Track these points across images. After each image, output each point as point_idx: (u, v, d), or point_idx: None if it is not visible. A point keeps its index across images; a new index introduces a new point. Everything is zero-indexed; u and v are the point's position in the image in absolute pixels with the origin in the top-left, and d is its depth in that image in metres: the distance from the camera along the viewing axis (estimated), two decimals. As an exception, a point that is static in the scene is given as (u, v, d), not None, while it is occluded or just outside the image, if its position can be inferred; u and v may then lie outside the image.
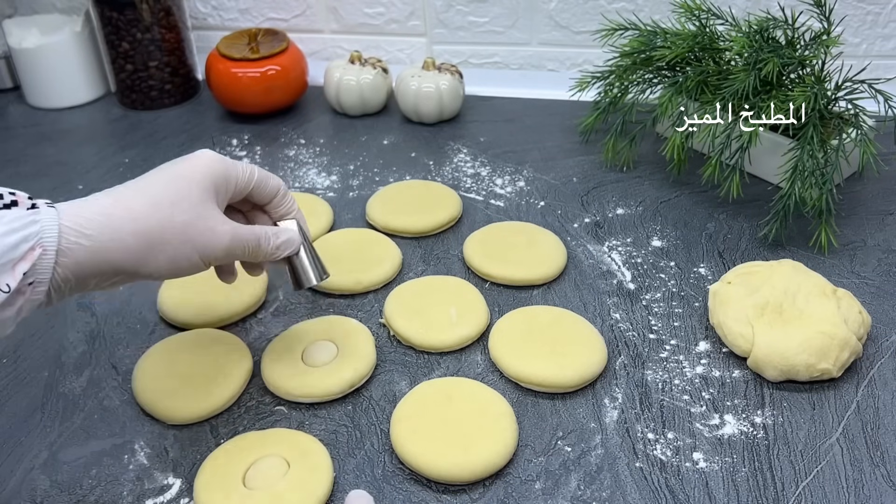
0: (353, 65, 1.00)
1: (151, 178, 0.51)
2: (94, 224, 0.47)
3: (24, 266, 0.44)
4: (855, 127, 0.75)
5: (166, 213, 0.50)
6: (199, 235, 0.51)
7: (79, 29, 1.04)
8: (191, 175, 0.52)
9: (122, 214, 0.48)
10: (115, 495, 0.55)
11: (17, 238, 0.44)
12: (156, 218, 0.49)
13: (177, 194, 0.50)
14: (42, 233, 0.45)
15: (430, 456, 0.55)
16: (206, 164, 0.53)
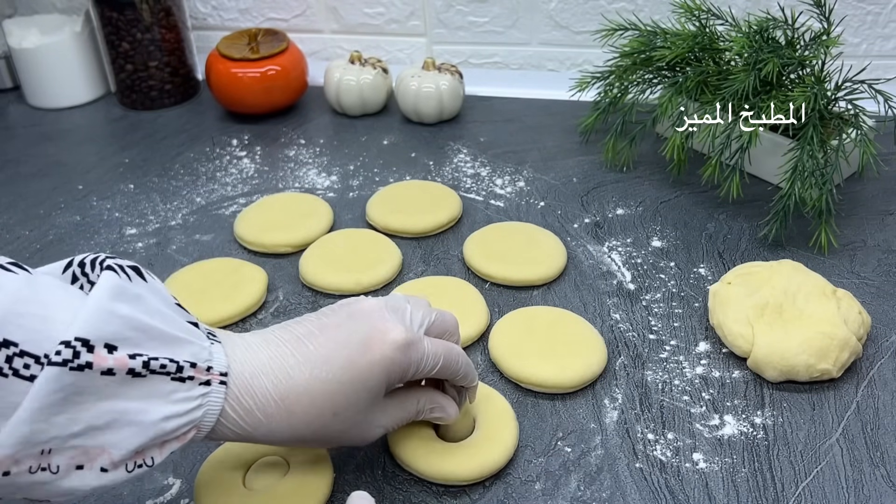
0: (353, 65, 1.00)
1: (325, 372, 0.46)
2: (253, 420, 0.45)
3: (175, 446, 0.43)
4: (855, 127, 0.75)
5: (325, 424, 0.47)
6: (348, 437, 0.49)
7: (79, 29, 1.04)
8: (368, 379, 0.47)
9: (282, 419, 0.45)
10: (115, 495, 0.55)
11: (178, 423, 0.42)
12: (313, 428, 0.47)
13: (344, 404, 0.47)
14: (203, 418, 0.43)
15: (429, 457, 0.55)
16: (389, 364, 0.47)
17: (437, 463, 0.54)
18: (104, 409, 0.40)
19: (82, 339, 0.38)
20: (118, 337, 0.39)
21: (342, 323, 0.48)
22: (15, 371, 0.37)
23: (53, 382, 0.37)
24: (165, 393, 0.41)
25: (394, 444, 0.56)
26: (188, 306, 0.68)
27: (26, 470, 0.38)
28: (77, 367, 0.38)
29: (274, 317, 0.70)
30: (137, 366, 0.40)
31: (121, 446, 0.40)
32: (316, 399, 0.46)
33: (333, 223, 0.81)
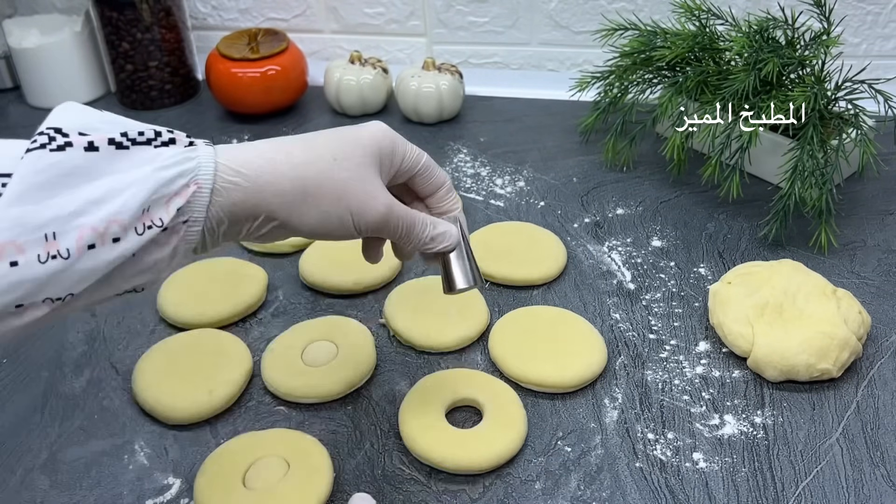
0: (353, 65, 1.00)
1: (316, 133, 0.49)
2: (252, 165, 0.45)
3: (179, 202, 0.43)
4: (855, 127, 0.75)
5: (327, 165, 0.47)
6: (355, 197, 0.48)
7: (79, 29, 1.04)
8: (357, 138, 0.49)
9: (281, 159, 0.46)
10: (115, 495, 0.55)
11: (172, 173, 0.42)
12: (315, 168, 0.47)
13: (340, 151, 0.48)
14: (198, 169, 0.43)
15: (442, 447, 0.55)
16: (375, 131, 0.50)
17: (449, 452, 0.55)
18: (98, 185, 0.40)
19: (54, 128, 0.40)
20: (90, 126, 0.41)
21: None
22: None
23: (35, 162, 0.38)
24: (153, 157, 0.42)
25: (406, 433, 0.57)
26: (188, 306, 0.69)
27: (35, 259, 0.39)
28: (57, 148, 0.39)
29: (274, 316, 0.70)
30: (116, 136, 0.41)
31: (126, 208, 0.40)
32: (313, 145, 0.47)
33: (333, 223, 0.81)
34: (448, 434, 0.56)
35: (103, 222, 0.40)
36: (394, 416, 0.60)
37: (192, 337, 0.66)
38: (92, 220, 0.40)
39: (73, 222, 0.39)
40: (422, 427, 0.57)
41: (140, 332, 0.69)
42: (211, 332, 0.67)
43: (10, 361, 0.66)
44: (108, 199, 0.40)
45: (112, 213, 0.40)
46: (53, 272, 0.39)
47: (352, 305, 0.71)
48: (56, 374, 0.64)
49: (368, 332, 0.66)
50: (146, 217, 0.41)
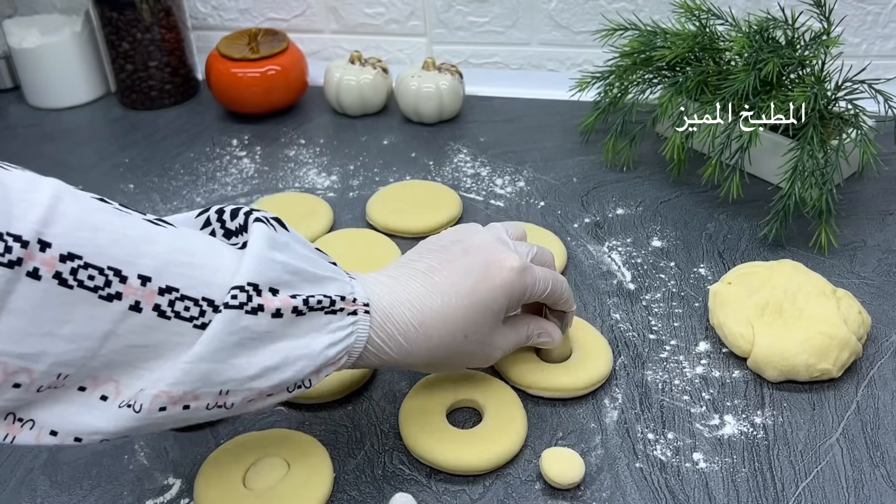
0: (353, 65, 1.00)
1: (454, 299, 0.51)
2: (395, 344, 0.50)
3: (331, 370, 0.48)
4: (855, 127, 0.75)
5: (459, 346, 0.52)
6: (475, 358, 0.55)
7: (79, 29, 1.04)
8: (489, 303, 0.52)
9: (421, 342, 0.50)
10: (115, 495, 0.55)
11: (337, 350, 0.47)
12: (449, 350, 0.52)
13: (473, 327, 0.52)
14: (355, 344, 0.48)
15: (443, 447, 0.55)
16: (509, 288, 0.52)
17: (449, 453, 0.55)
18: (275, 350, 0.44)
19: (252, 284, 0.43)
20: (279, 281, 0.44)
21: (460, 257, 0.53)
22: (177, 314, 0.41)
23: (231, 324, 0.42)
24: (323, 325, 0.46)
25: (406, 433, 0.57)
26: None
27: (204, 406, 0.43)
28: (251, 311, 0.43)
29: (274, 317, 0.70)
30: (299, 304, 0.45)
31: (291, 379, 0.45)
32: (449, 323, 0.50)
33: (333, 223, 0.81)
34: (448, 434, 0.56)
35: (271, 388, 0.45)
36: (394, 416, 0.60)
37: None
38: (261, 385, 0.44)
39: (247, 385, 0.44)
40: (422, 427, 0.57)
41: (140, 332, 0.69)
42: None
43: (10, 361, 0.66)
44: (281, 367, 0.45)
45: (280, 381, 0.45)
46: (212, 415, 0.45)
47: (352, 305, 0.71)
48: (56, 374, 0.64)
49: None
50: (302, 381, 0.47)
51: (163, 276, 0.41)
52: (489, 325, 0.53)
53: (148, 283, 0.40)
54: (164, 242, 0.42)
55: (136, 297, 0.40)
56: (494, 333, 0.54)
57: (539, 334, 0.58)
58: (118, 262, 0.39)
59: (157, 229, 0.42)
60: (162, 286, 0.41)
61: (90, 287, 0.39)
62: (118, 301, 0.39)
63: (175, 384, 0.41)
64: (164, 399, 0.42)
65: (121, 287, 0.39)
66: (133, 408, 0.41)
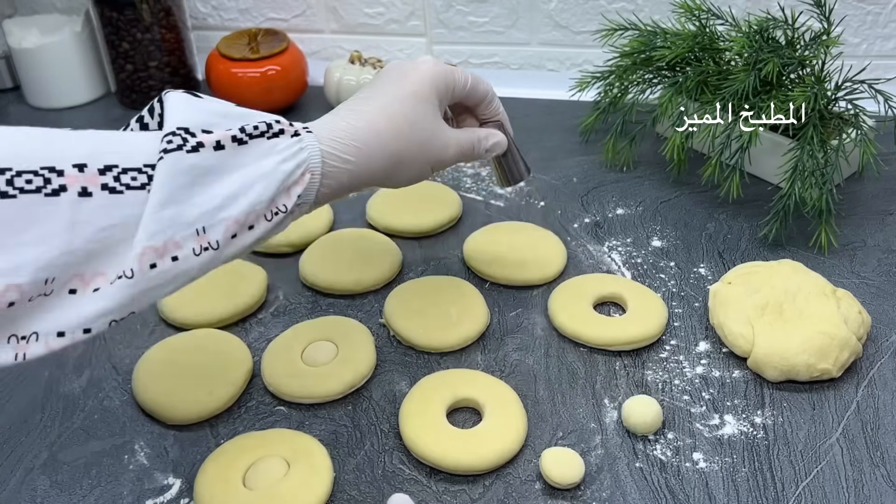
0: (353, 65, 1.00)
1: (387, 94, 0.55)
2: (351, 150, 0.52)
3: (298, 189, 0.49)
4: (855, 127, 0.75)
5: (408, 134, 0.55)
6: (434, 150, 0.58)
7: (79, 29, 1.04)
8: (421, 91, 0.56)
9: (373, 140, 0.53)
10: (115, 495, 0.55)
11: (291, 165, 0.49)
12: (400, 141, 0.55)
13: (414, 114, 0.55)
14: (310, 159, 0.50)
15: (443, 447, 0.55)
16: (432, 76, 0.57)
17: (449, 452, 0.55)
18: (231, 179, 0.46)
19: (183, 128, 0.45)
20: (208, 122, 0.46)
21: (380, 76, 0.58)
22: (126, 185, 0.43)
23: (176, 164, 0.44)
24: (269, 149, 0.48)
25: (406, 433, 0.57)
26: (188, 306, 0.69)
27: (191, 253, 0.45)
28: (192, 149, 0.44)
29: (274, 316, 0.70)
30: (237, 133, 0.47)
31: (260, 200, 0.47)
32: (392, 116, 0.54)
33: (333, 223, 0.81)
34: (448, 434, 0.56)
35: (243, 214, 0.46)
36: (394, 416, 0.60)
37: (192, 337, 0.66)
38: (234, 213, 0.46)
39: (218, 216, 0.45)
40: (422, 427, 0.57)
41: (140, 332, 0.69)
42: (211, 332, 0.67)
43: (10, 361, 0.66)
44: (242, 193, 0.46)
45: (249, 205, 0.46)
46: (206, 261, 0.46)
47: (352, 305, 0.71)
48: (56, 374, 0.64)
49: (368, 332, 0.66)
50: (273, 205, 0.48)
51: (96, 159, 0.42)
52: (429, 112, 0.57)
53: (85, 168, 0.42)
54: (88, 137, 0.44)
55: (79, 183, 0.41)
56: (439, 122, 0.58)
57: (486, 136, 0.62)
58: (49, 161, 0.41)
59: (78, 132, 0.44)
60: (100, 167, 0.42)
61: (32, 189, 0.40)
62: (65, 193, 0.41)
63: (152, 236, 0.43)
64: (150, 255, 0.43)
65: (61, 180, 0.41)
66: (125, 276, 0.42)
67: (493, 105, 0.63)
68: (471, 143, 0.61)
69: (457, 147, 0.59)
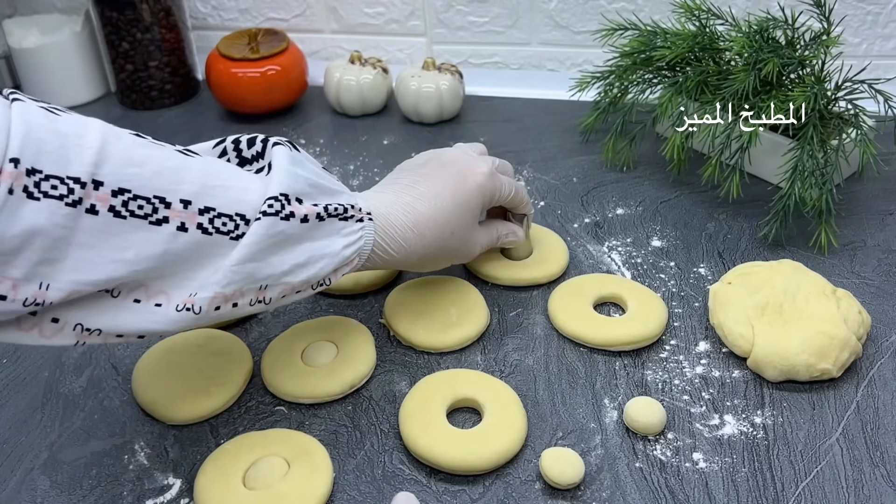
0: (353, 65, 1.00)
1: (440, 202, 0.61)
2: (396, 245, 0.59)
3: (347, 270, 0.56)
4: (855, 127, 0.75)
5: (446, 239, 0.62)
6: (461, 252, 0.65)
7: (79, 29, 1.04)
8: (468, 204, 0.62)
9: (416, 241, 0.59)
10: (115, 495, 0.55)
11: (352, 251, 0.55)
12: (439, 246, 0.61)
13: (458, 224, 0.62)
14: (364, 246, 0.56)
15: (444, 447, 0.55)
16: (483, 190, 0.63)
17: (449, 452, 0.55)
18: (303, 249, 0.52)
19: (284, 195, 0.51)
20: (303, 192, 0.52)
21: (438, 169, 0.63)
22: (217, 229, 0.48)
23: (270, 228, 0.50)
24: (338, 230, 0.54)
25: (406, 433, 0.57)
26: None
27: (248, 302, 0.51)
28: (285, 217, 0.50)
29: (274, 317, 0.70)
30: (321, 211, 0.53)
31: (318, 276, 0.53)
32: (439, 223, 0.61)
33: (333, 223, 0.81)
34: (448, 434, 0.56)
35: (301, 283, 0.53)
36: (394, 416, 0.60)
37: (192, 337, 0.66)
38: (294, 281, 0.52)
39: (282, 280, 0.52)
40: (422, 427, 0.57)
41: (140, 332, 0.69)
42: (211, 332, 0.67)
43: (9, 361, 0.66)
44: (308, 264, 0.53)
45: (308, 277, 0.53)
46: (254, 311, 0.52)
47: (352, 305, 0.71)
48: (56, 374, 0.64)
49: (368, 332, 0.66)
50: (325, 279, 0.55)
51: (200, 198, 0.48)
52: (469, 223, 0.63)
53: (189, 205, 0.47)
54: (197, 169, 0.48)
55: (180, 218, 0.47)
56: (474, 231, 0.65)
57: (507, 234, 0.70)
58: (161, 192, 0.46)
59: (189, 159, 0.49)
60: (201, 207, 0.48)
61: (140, 215, 0.45)
62: (166, 224, 0.46)
63: (227, 285, 0.49)
64: (219, 300, 0.49)
65: (167, 212, 0.46)
66: (192, 310, 0.48)
67: (524, 205, 0.69)
68: (492, 241, 0.68)
69: (480, 248, 0.67)
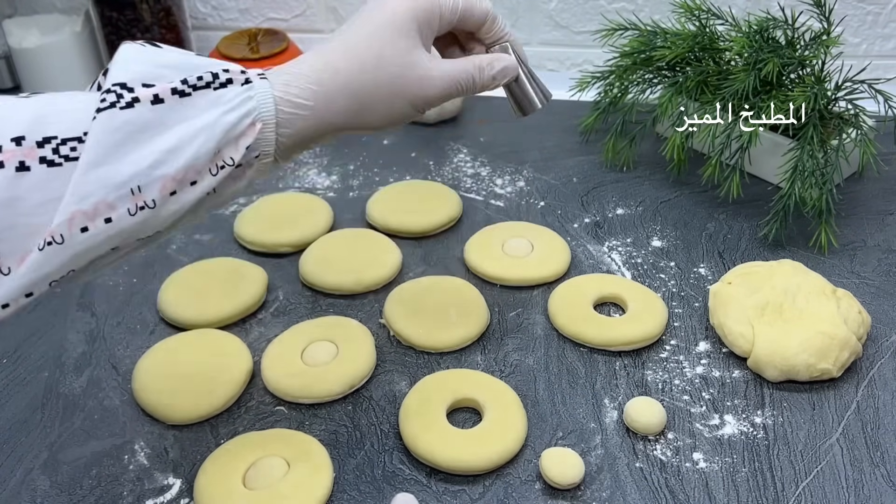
0: (353, 65, 1.00)
1: (353, 30, 0.50)
2: (307, 93, 0.48)
3: (247, 140, 0.46)
4: (855, 127, 0.75)
5: (373, 69, 0.49)
6: (410, 86, 0.51)
7: (79, 29, 1.04)
8: (391, 22, 0.50)
9: (331, 79, 0.48)
10: (115, 495, 0.55)
11: (236, 116, 0.46)
12: (364, 77, 0.49)
13: (382, 47, 0.49)
14: (259, 108, 0.47)
15: (444, 447, 0.55)
16: (411, 4, 0.50)
17: (449, 452, 0.55)
18: (168, 134, 0.43)
19: (119, 83, 0.42)
20: (151, 75, 0.43)
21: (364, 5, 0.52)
22: (66, 157, 0.41)
23: (109, 122, 0.42)
24: (214, 100, 0.45)
25: (406, 433, 0.57)
26: (188, 306, 0.69)
27: (126, 213, 0.43)
28: (126, 105, 0.42)
29: (274, 316, 0.70)
30: (178, 85, 0.44)
31: (199, 154, 0.44)
32: (355, 50, 0.49)
33: (333, 223, 0.81)
34: (448, 434, 0.56)
35: (181, 171, 0.44)
36: (394, 416, 0.60)
37: (192, 337, 0.66)
38: (170, 170, 0.43)
39: (154, 174, 0.43)
40: (422, 427, 0.57)
41: (140, 332, 0.69)
42: (211, 332, 0.67)
43: (9, 361, 0.66)
44: (181, 147, 0.43)
45: (188, 160, 0.44)
46: (143, 220, 0.43)
47: (352, 305, 0.71)
48: (56, 374, 0.64)
49: (368, 332, 0.66)
50: (218, 158, 0.45)
51: (36, 131, 0.41)
52: (403, 45, 0.50)
53: (23, 141, 0.40)
54: (31, 104, 0.42)
55: (17, 158, 0.40)
56: (418, 54, 0.50)
57: (490, 63, 0.54)
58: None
59: (23, 99, 0.42)
60: (38, 139, 0.41)
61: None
62: (2, 170, 0.40)
63: (81, 199, 0.41)
64: (80, 219, 0.41)
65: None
66: (55, 241, 0.41)
67: (497, 26, 0.56)
68: (467, 73, 0.53)
69: (447, 81, 0.52)
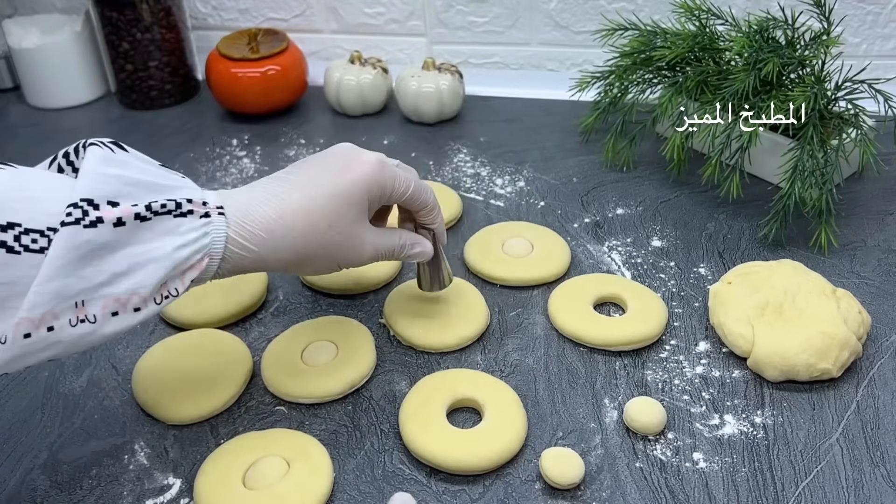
0: (353, 65, 1.00)
1: (317, 187, 0.53)
2: (258, 240, 0.51)
3: (193, 274, 0.49)
4: (855, 127, 0.75)
5: (321, 234, 0.53)
6: (344, 252, 0.56)
7: (79, 29, 1.04)
8: (349, 193, 0.54)
9: (283, 234, 0.52)
10: (115, 495, 0.55)
11: (189, 251, 0.48)
12: (313, 240, 0.53)
13: (335, 216, 0.54)
14: (211, 245, 0.49)
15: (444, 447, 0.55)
16: (368, 180, 0.55)
17: (449, 452, 0.55)
18: (123, 256, 0.45)
19: (87, 199, 0.44)
20: (117, 193, 0.45)
21: (320, 159, 0.56)
22: (25, 247, 0.42)
23: (71, 239, 0.43)
24: (172, 228, 0.47)
25: (406, 433, 0.57)
26: (188, 306, 0.69)
27: (67, 324, 0.44)
28: (90, 224, 0.44)
29: (274, 316, 0.70)
30: (142, 210, 0.46)
31: (145, 283, 0.46)
32: (310, 213, 0.53)
33: (333, 223, 0.81)
34: (448, 434, 0.56)
35: (126, 293, 0.46)
36: (394, 416, 0.60)
37: (192, 337, 0.66)
38: (116, 291, 0.45)
39: (99, 291, 0.45)
40: (422, 427, 0.57)
41: (140, 332, 0.69)
42: (211, 332, 0.67)
43: (10, 361, 0.66)
44: (130, 272, 0.46)
45: (133, 286, 0.46)
46: (83, 334, 0.45)
47: (352, 305, 0.71)
48: (56, 374, 0.64)
49: (368, 332, 0.66)
50: (164, 289, 0.48)
51: (2, 214, 0.42)
52: (352, 217, 0.54)
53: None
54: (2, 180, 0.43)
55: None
56: (359, 227, 0.55)
57: (412, 244, 0.61)
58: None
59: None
60: (2, 223, 0.42)
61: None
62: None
63: (31, 308, 0.42)
64: (25, 325, 0.43)
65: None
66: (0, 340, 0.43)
67: (431, 216, 0.62)
68: (391, 248, 0.59)
69: (373, 252, 0.58)
